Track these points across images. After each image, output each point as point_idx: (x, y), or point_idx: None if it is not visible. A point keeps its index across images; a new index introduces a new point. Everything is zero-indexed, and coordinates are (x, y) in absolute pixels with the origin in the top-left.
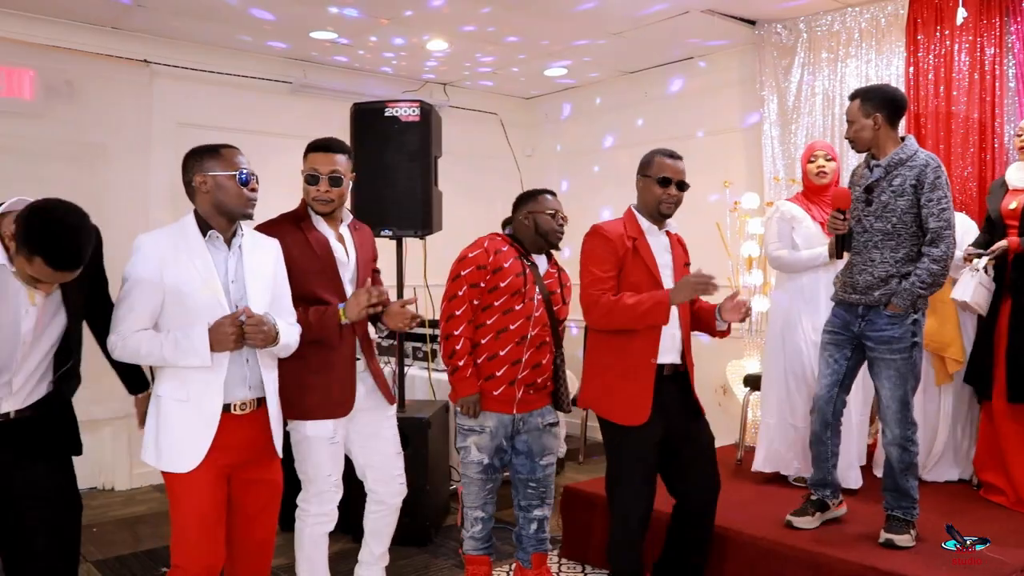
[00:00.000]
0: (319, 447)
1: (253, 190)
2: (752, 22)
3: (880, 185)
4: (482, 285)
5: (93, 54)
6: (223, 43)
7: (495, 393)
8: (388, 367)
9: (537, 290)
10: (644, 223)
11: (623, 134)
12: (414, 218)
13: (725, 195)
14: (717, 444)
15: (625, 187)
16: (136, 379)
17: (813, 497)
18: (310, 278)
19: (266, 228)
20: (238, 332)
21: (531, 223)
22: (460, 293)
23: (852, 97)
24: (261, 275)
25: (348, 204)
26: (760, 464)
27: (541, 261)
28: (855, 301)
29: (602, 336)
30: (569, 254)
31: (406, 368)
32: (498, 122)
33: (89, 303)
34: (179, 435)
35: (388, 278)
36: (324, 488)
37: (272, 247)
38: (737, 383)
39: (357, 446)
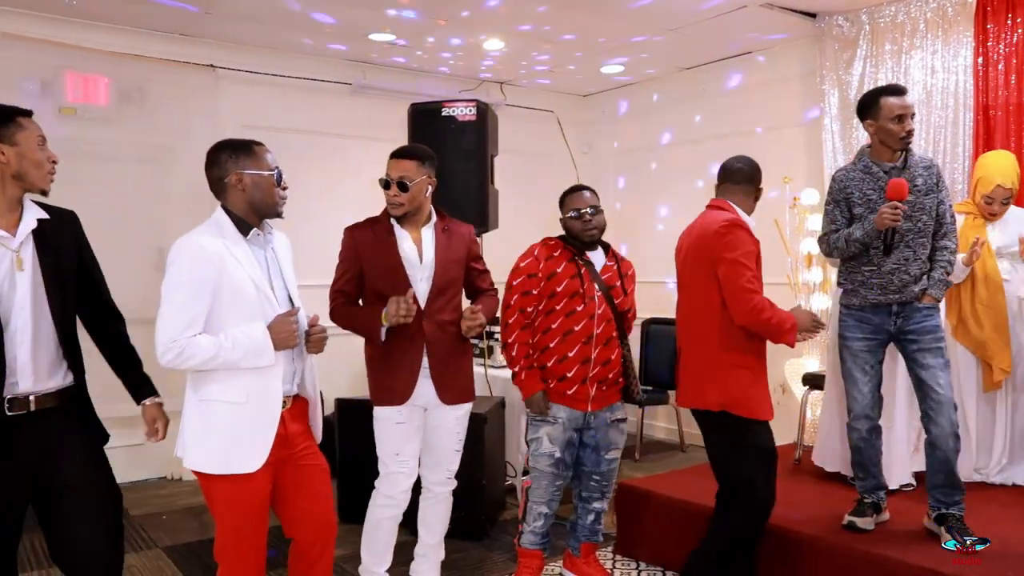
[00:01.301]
0: (386, 427)
1: (284, 189)
2: (812, 15)
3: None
4: (535, 292)
5: (163, 60)
6: (285, 46)
7: (568, 392)
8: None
9: (596, 288)
10: (745, 217)
11: (681, 131)
12: (471, 216)
13: (784, 191)
14: (778, 443)
15: (683, 183)
16: (141, 386)
17: (867, 500)
18: (377, 277)
19: (350, 229)
20: (296, 330)
21: (567, 224)
22: (512, 302)
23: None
24: (290, 270)
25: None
26: (818, 463)
27: (598, 256)
28: (892, 301)
29: (743, 337)
30: (628, 250)
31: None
32: (554, 120)
33: (82, 292)
34: (237, 437)
35: None
36: (392, 469)
37: (287, 244)
38: (796, 382)
39: (424, 435)
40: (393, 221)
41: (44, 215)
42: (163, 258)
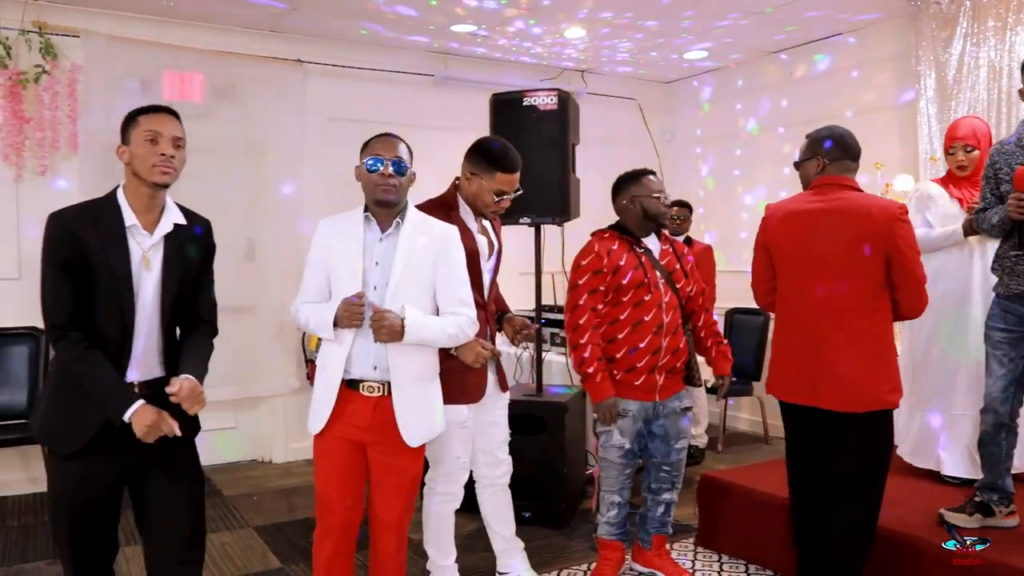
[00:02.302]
0: (451, 430)
1: (383, 176)
2: None
3: None
4: (602, 288)
5: (253, 56)
6: (369, 40)
7: (637, 383)
8: (526, 352)
9: (659, 275)
10: None
11: (767, 116)
12: (552, 205)
13: (876, 177)
14: None
15: (768, 170)
16: (191, 369)
17: (977, 499)
18: None
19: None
20: (359, 312)
21: (637, 208)
22: (581, 302)
23: None
24: (413, 260)
25: None
26: (908, 458)
27: (653, 243)
28: None
29: (891, 326)
30: (715, 238)
31: (544, 353)
32: (636, 107)
33: (191, 292)
34: (316, 400)
35: (526, 264)
36: (452, 469)
37: (438, 235)
38: None
39: (477, 433)
40: (463, 209)
41: (182, 220)
42: (253, 248)
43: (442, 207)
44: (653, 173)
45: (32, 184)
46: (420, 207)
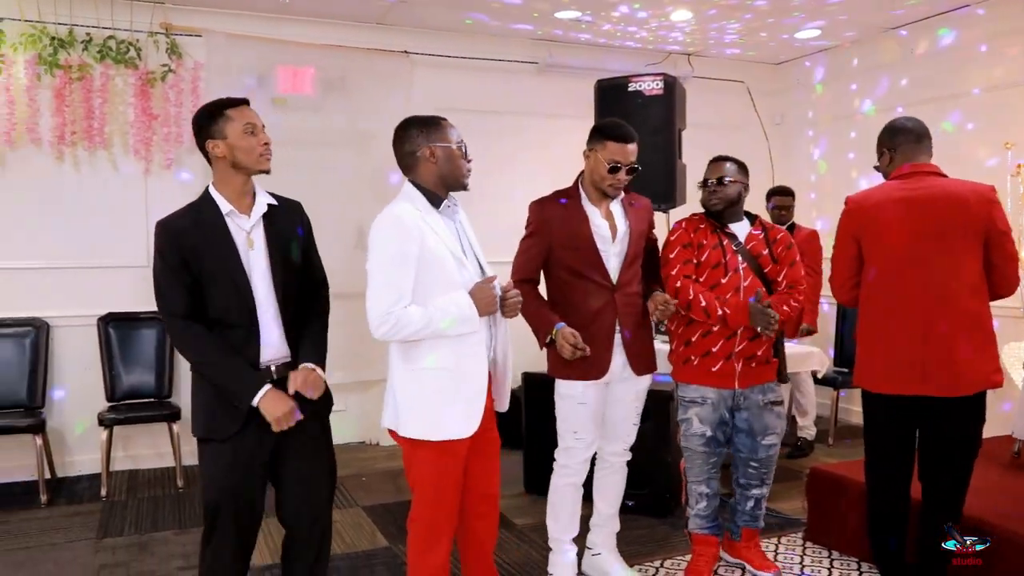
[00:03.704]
0: (568, 405)
1: (470, 161)
2: None
3: None
4: (693, 261)
5: (362, 49)
6: (474, 29)
7: (714, 369)
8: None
9: (740, 259)
10: None
11: (884, 96)
12: (657, 191)
13: (1006, 158)
14: (988, 434)
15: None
16: (312, 353)
17: None
18: (569, 253)
19: (537, 203)
20: (495, 296)
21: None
22: (674, 272)
23: None
24: (476, 239)
25: None
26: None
27: (741, 227)
28: None
29: (989, 308)
30: (827, 224)
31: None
32: (744, 90)
33: (301, 264)
34: (450, 403)
35: None
36: (569, 444)
37: (464, 214)
38: (1016, 368)
39: (604, 410)
40: (583, 196)
41: (273, 202)
42: (363, 237)
43: (561, 194)
44: (730, 160)
45: (159, 177)
46: (544, 198)
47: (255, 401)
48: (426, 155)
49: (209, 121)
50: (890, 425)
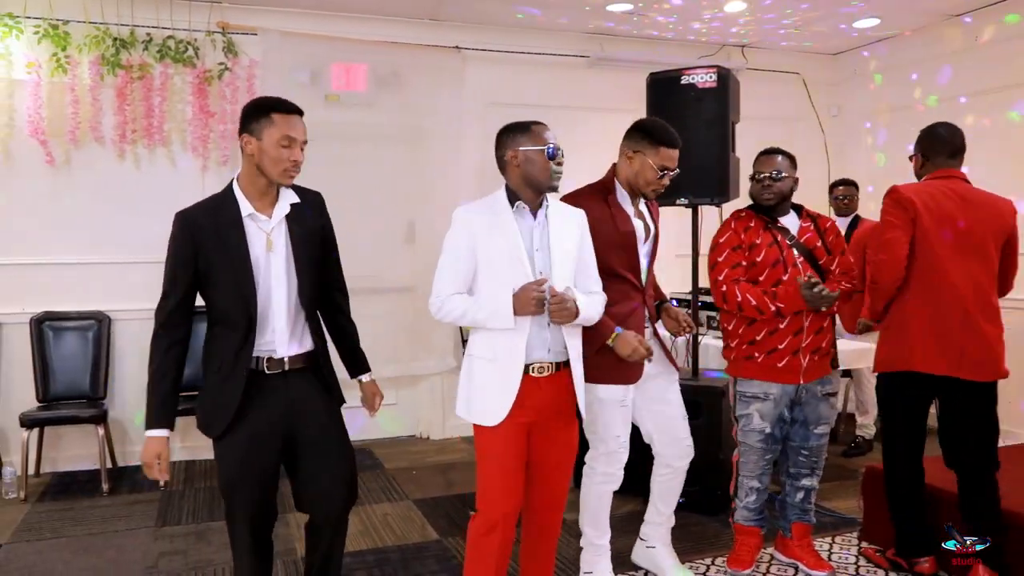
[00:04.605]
0: (610, 409)
1: (559, 164)
2: None
3: None
4: (744, 264)
5: (414, 45)
6: (525, 24)
7: (779, 365)
8: (682, 336)
9: (796, 253)
10: None
11: (946, 86)
12: (710, 185)
13: None
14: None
15: None
16: (356, 363)
17: None
18: (610, 252)
19: (572, 198)
20: (540, 298)
21: (750, 189)
22: (721, 277)
23: None
24: (565, 245)
25: None
26: None
27: (791, 220)
28: None
29: None
30: None
31: (701, 337)
32: (800, 82)
33: (323, 263)
34: (487, 392)
35: (684, 247)
36: (612, 448)
37: (578, 217)
38: None
39: (645, 411)
40: (620, 193)
41: (296, 199)
42: (413, 231)
43: (599, 191)
44: (782, 153)
45: (216, 173)
46: (579, 192)
47: (147, 433)
48: (510, 157)
49: (253, 117)
50: (919, 403)
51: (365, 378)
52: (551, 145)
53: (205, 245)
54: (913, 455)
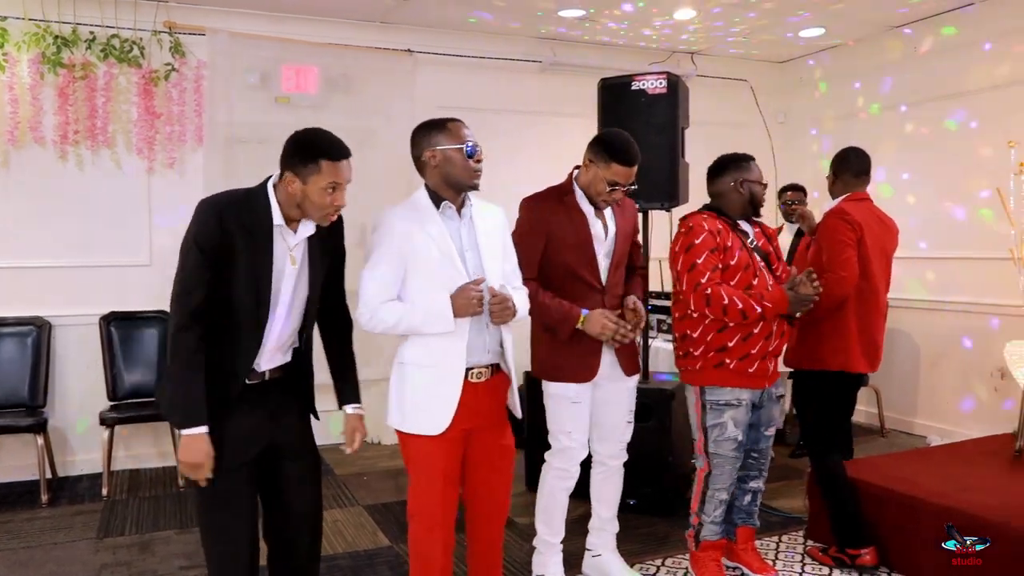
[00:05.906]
0: (560, 405)
1: (478, 162)
2: None
3: None
4: (720, 267)
5: (365, 48)
6: (478, 28)
7: (751, 370)
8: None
9: (758, 258)
10: None
11: (888, 95)
12: (661, 191)
13: (1010, 156)
14: (993, 431)
15: (888, 151)
16: (348, 392)
17: None
18: (566, 252)
19: (532, 200)
20: (480, 297)
21: (745, 192)
22: (703, 280)
23: None
24: (493, 242)
25: None
26: None
27: (745, 227)
28: None
29: None
30: None
31: (650, 340)
32: (748, 89)
33: (327, 278)
34: (426, 399)
35: None
36: (564, 444)
37: (498, 213)
38: (1019, 365)
39: (592, 409)
40: (578, 195)
41: None
42: (365, 234)
43: (558, 193)
44: (754, 159)
45: (162, 176)
46: (538, 194)
47: (185, 431)
48: (427, 157)
49: (299, 158)
50: (852, 399)
51: (350, 409)
52: (470, 143)
53: (230, 238)
54: (845, 449)
